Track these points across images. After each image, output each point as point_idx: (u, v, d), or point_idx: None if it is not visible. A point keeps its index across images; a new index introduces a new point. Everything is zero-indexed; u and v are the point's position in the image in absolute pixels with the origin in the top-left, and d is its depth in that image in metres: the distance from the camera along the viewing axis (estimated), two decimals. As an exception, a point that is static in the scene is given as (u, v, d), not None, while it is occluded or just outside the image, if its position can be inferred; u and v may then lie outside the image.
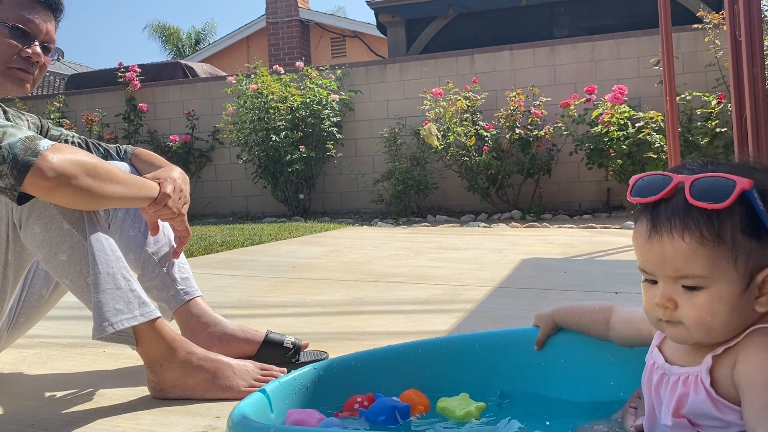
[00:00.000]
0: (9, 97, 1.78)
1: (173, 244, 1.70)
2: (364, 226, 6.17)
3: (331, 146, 7.29)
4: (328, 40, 14.80)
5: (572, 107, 6.48)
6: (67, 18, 1.59)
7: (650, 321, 0.93)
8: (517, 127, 6.59)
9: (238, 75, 7.67)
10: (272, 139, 7.12)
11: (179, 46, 21.03)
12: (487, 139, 6.66)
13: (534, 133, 6.57)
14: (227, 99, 7.71)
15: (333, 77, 7.47)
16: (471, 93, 6.86)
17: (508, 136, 6.62)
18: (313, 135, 7.27)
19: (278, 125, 7.16)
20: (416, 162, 6.99)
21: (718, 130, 5.91)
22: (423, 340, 1.33)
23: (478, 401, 1.16)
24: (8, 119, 1.57)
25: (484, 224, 5.97)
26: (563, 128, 6.56)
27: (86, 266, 1.39)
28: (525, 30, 9.20)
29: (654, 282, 0.90)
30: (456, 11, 9.52)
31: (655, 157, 5.85)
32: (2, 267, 1.49)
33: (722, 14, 5.44)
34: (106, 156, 1.72)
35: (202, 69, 9.38)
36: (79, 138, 1.74)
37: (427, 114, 6.82)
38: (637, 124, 6.08)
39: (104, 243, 1.42)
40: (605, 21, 9.04)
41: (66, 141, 1.69)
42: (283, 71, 7.74)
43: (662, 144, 5.79)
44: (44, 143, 1.31)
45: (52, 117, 8.20)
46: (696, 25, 6.53)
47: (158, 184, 1.52)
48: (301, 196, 7.46)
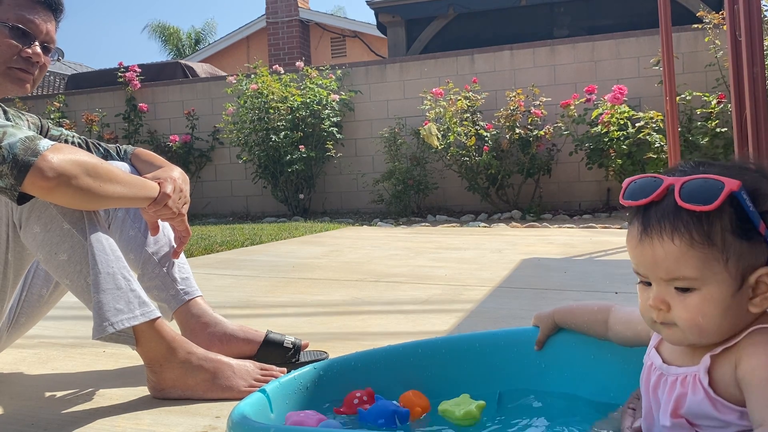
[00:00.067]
0: (9, 97, 1.78)
1: (173, 244, 1.70)
2: (364, 226, 6.17)
3: (331, 146, 7.29)
4: (328, 40, 14.81)
5: (572, 107, 6.48)
6: (67, 18, 1.60)
7: (646, 322, 0.93)
8: (517, 127, 6.59)
9: (238, 75, 7.67)
10: (272, 139, 7.12)
11: (179, 46, 21.04)
12: (487, 139, 6.66)
13: (534, 133, 6.57)
14: (227, 99, 7.71)
15: (333, 77, 7.47)
16: (471, 93, 6.86)
17: (508, 136, 6.62)
18: (313, 135, 7.27)
19: (278, 125, 7.16)
20: (416, 162, 6.99)
21: (718, 130, 5.91)
22: (423, 340, 1.33)
23: (479, 400, 1.16)
24: (8, 119, 1.57)
25: (484, 224, 5.97)
26: (563, 128, 6.56)
27: (86, 266, 1.39)
28: (525, 30, 9.20)
29: (648, 284, 0.90)
30: (456, 11, 9.52)
31: (655, 157, 5.85)
32: (2, 267, 1.49)
33: (722, 14, 5.44)
34: (106, 156, 1.72)
35: (202, 69, 9.39)
36: (79, 138, 1.74)
37: (427, 114, 6.82)
38: (637, 124, 6.08)
39: (104, 243, 1.42)
40: (605, 21, 9.04)
41: (66, 141, 1.69)
42: (283, 71, 7.74)
43: (662, 144, 5.79)
44: (44, 143, 1.31)
45: (52, 117, 8.20)
46: (696, 25, 6.53)
47: (158, 184, 1.52)
48: (301, 196, 7.46)
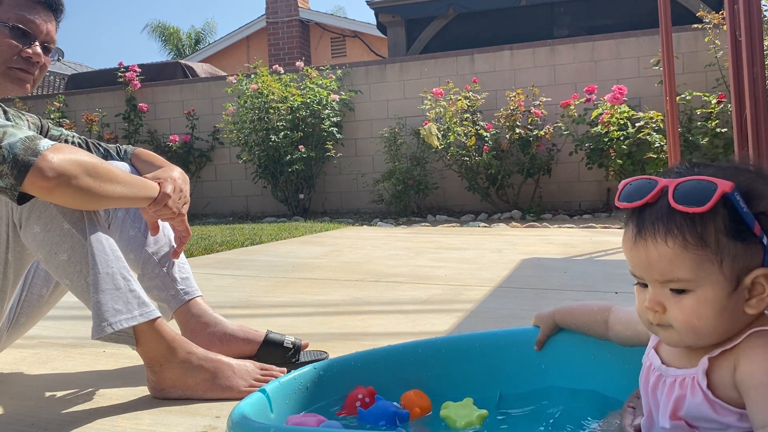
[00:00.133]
0: (9, 97, 1.78)
1: (173, 244, 1.70)
2: (364, 226, 6.17)
3: (331, 146, 7.29)
4: (328, 40, 14.80)
5: (572, 107, 6.48)
6: (68, 18, 1.60)
7: (643, 324, 0.93)
8: (517, 127, 6.59)
9: (238, 75, 7.67)
10: (272, 139, 7.12)
11: (179, 46, 21.04)
12: (487, 139, 6.66)
13: (534, 133, 6.57)
14: (227, 99, 7.71)
15: (333, 77, 7.47)
16: (471, 93, 6.86)
17: (508, 136, 6.62)
18: (313, 135, 7.27)
19: (278, 125, 7.16)
20: (416, 162, 6.99)
21: (718, 130, 5.91)
22: (423, 340, 1.33)
23: (481, 408, 1.14)
24: (8, 119, 1.57)
25: (484, 224, 5.97)
26: (563, 128, 6.56)
27: (86, 266, 1.39)
28: (525, 30, 9.20)
29: (645, 285, 0.90)
30: (456, 11, 9.52)
31: (655, 157, 5.85)
32: (2, 267, 1.49)
33: (722, 14, 5.44)
34: (106, 156, 1.72)
35: (202, 69, 9.38)
36: (79, 138, 1.74)
37: (428, 114, 6.82)
38: (637, 124, 6.08)
39: (104, 243, 1.42)
40: (605, 21, 9.04)
41: (66, 141, 1.69)
42: (283, 71, 7.74)
43: (662, 144, 5.79)
44: (44, 143, 1.31)
45: (52, 117, 8.20)
46: (696, 25, 6.53)
47: (158, 184, 1.52)
48: (301, 196, 7.46)
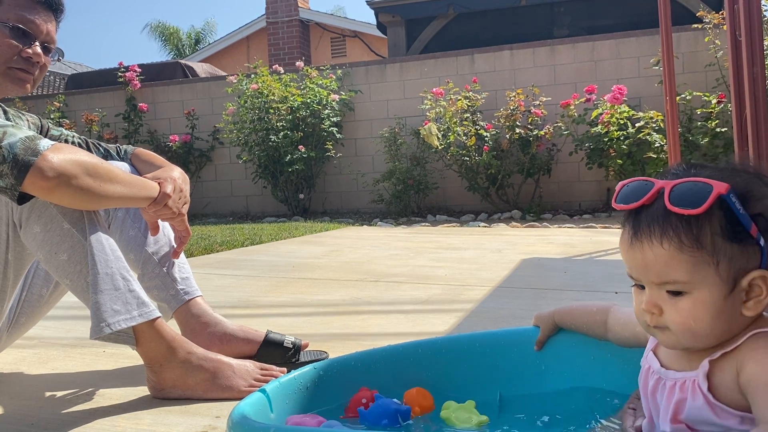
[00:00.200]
0: (9, 97, 1.78)
1: (173, 243, 1.70)
2: (364, 226, 6.17)
3: (331, 146, 7.29)
4: (328, 40, 14.80)
5: (572, 107, 6.48)
6: (68, 18, 1.60)
7: (641, 326, 0.93)
8: (517, 126, 6.59)
9: (239, 75, 7.67)
10: (272, 139, 7.12)
11: (179, 46, 21.04)
12: (487, 139, 6.66)
13: (534, 133, 6.57)
14: (227, 99, 7.71)
15: (333, 77, 7.47)
16: (471, 93, 6.86)
17: (508, 136, 6.62)
18: (313, 135, 7.27)
19: (278, 125, 7.16)
20: (416, 162, 6.99)
21: (718, 129, 5.91)
22: (423, 340, 1.33)
23: (483, 413, 1.13)
24: (8, 119, 1.57)
25: (484, 224, 5.97)
26: (563, 128, 6.56)
27: (86, 266, 1.39)
28: (525, 30, 9.20)
29: (642, 287, 0.90)
30: (456, 11, 9.52)
31: (655, 157, 5.85)
32: (2, 267, 1.49)
33: (722, 14, 5.44)
34: (106, 156, 1.72)
35: (202, 69, 9.38)
36: (79, 138, 1.74)
37: (428, 114, 6.82)
38: (637, 124, 6.08)
39: (104, 243, 1.42)
40: (605, 21, 9.04)
41: (66, 141, 1.69)
42: (283, 71, 7.74)
43: (662, 144, 5.79)
44: (44, 143, 1.31)
45: (52, 117, 8.20)
46: (696, 25, 6.53)
47: (158, 184, 1.52)
48: (301, 196, 7.46)
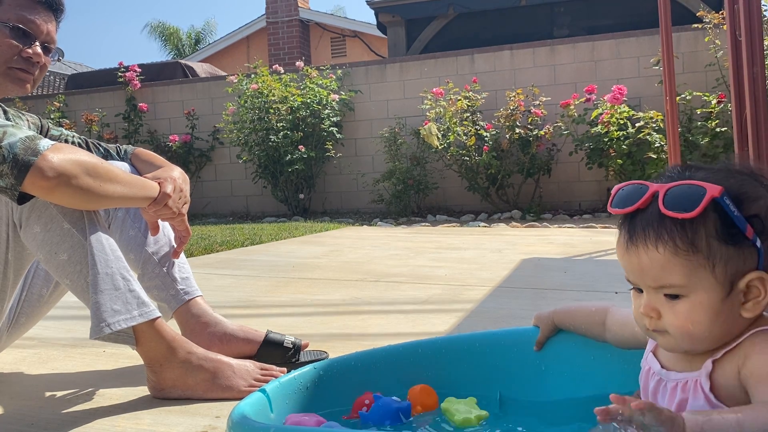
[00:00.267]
0: (9, 97, 1.78)
1: (173, 243, 1.70)
2: (364, 226, 6.17)
3: (331, 146, 7.29)
4: (328, 40, 14.80)
5: (572, 107, 6.48)
6: (68, 18, 1.60)
7: (641, 329, 0.93)
8: (517, 126, 6.59)
9: (239, 75, 7.67)
10: (272, 139, 7.12)
11: (179, 46, 21.04)
12: (487, 139, 6.66)
13: (534, 133, 6.57)
14: (227, 99, 7.71)
15: (333, 77, 7.47)
16: (471, 93, 6.86)
17: (508, 136, 6.62)
18: (313, 135, 7.27)
19: (278, 125, 7.15)
20: (416, 162, 6.99)
21: (718, 129, 5.91)
22: (423, 339, 1.33)
23: (483, 408, 1.14)
24: (8, 119, 1.57)
25: (484, 224, 5.97)
26: (563, 128, 6.56)
27: (86, 266, 1.39)
28: (525, 30, 9.20)
29: (641, 291, 0.90)
30: (456, 11, 9.52)
31: (655, 157, 5.85)
32: (2, 266, 1.49)
33: (722, 14, 5.44)
34: (106, 156, 1.72)
35: (202, 69, 9.38)
36: (79, 138, 1.74)
37: (428, 114, 6.82)
38: (637, 124, 6.08)
39: (104, 243, 1.42)
40: (605, 21, 9.04)
41: (66, 141, 1.69)
42: (283, 71, 7.74)
43: (662, 144, 5.79)
44: (44, 143, 1.31)
45: (52, 117, 8.20)
46: (696, 25, 6.53)
47: (158, 183, 1.52)
48: (301, 196, 7.46)
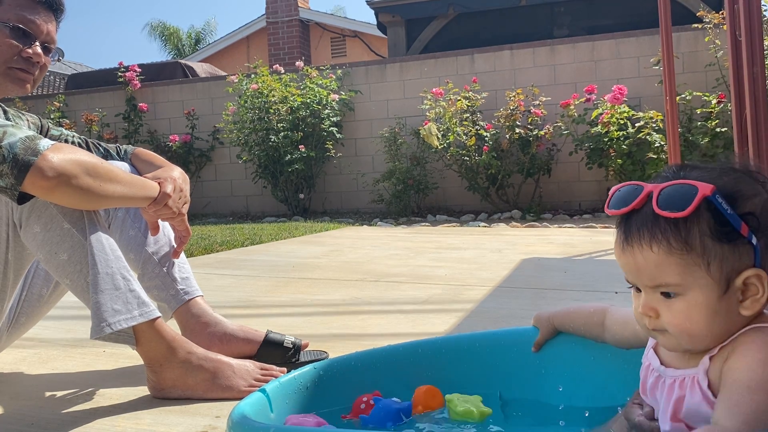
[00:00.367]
0: (9, 97, 1.78)
1: (173, 243, 1.70)
2: (364, 225, 6.17)
3: (331, 146, 7.29)
4: (328, 40, 14.80)
5: (572, 107, 6.48)
6: (68, 18, 1.60)
7: (642, 329, 0.93)
8: (517, 126, 6.59)
9: (239, 75, 7.67)
10: (272, 139, 7.12)
11: (179, 45, 21.04)
12: (487, 139, 6.66)
13: (534, 133, 6.57)
14: (227, 99, 7.71)
15: (333, 77, 7.47)
16: (471, 93, 6.86)
17: (508, 136, 6.61)
18: (313, 135, 7.27)
19: (278, 126, 7.15)
20: (416, 162, 6.99)
21: (718, 129, 5.91)
22: (423, 339, 1.33)
23: (488, 407, 1.14)
24: (8, 119, 1.57)
25: (484, 224, 5.97)
26: (563, 128, 6.56)
27: (86, 266, 1.39)
28: (525, 30, 9.20)
29: (639, 291, 0.91)
30: (456, 11, 9.52)
31: (655, 157, 5.85)
32: (2, 266, 1.49)
33: (722, 14, 5.44)
34: (106, 156, 1.72)
35: (202, 69, 9.38)
36: (79, 138, 1.74)
37: (427, 114, 6.82)
38: (637, 124, 6.08)
39: (104, 243, 1.42)
40: (605, 21, 9.04)
41: (66, 141, 1.69)
42: (284, 71, 7.74)
43: (662, 144, 5.79)
44: (44, 143, 1.31)
45: (52, 117, 8.20)
46: (696, 25, 6.53)
47: (158, 183, 1.52)
48: (301, 195, 7.45)
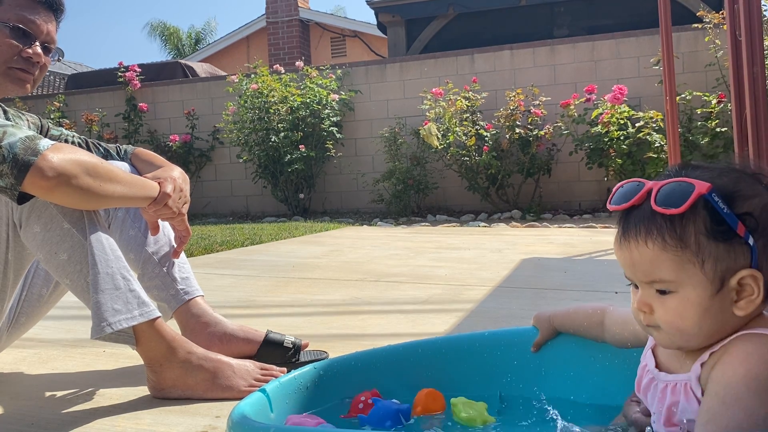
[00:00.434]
0: (9, 97, 1.78)
1: (173, 243, 1.70)
2: (364, 225, 6.17)
3: (331, 146, 7.29)
4: (328, 40, 14.80)
5: (572, 107, 6.48)
6: (68, 18, 1.60)
7: (638, 324, 0.94)
8: (517, 126, 6.59)
9: (239, 75, 7.67)
10: (272, 139, 7.12)
11: (179, 45, 21.05)
12: (487, 138, 6.66)
13: (534, 133, 6.57)
14: (227, 99, 7.71)
15: (333, 77, 7.46)
16: (471, 93, 6.86)
17: (508, 135, 6.61)
18: (313, 135, 7.27)
19: (278, 126, 7.15)
20: (416, 162, 6.99)
21: (718, 129, 5.91)
22: (423, 339, 1.33)
23: (489, 406, 1.14)
24: (8, 119, 1.57)
25: (484, 224, 5.97)
26: (563, 128, 6.56)
27: (86, 266, 1.39)
28: (525, 30, 9.20)
29: (637, 287, 0.91)
30: (456, 11, 9.52)
31: (655, 156, 5.85)
32: (2, 266, 1.49)
33: (722, 14, 5.44)
34: (106, 156, 1.72)
35: (202, 69, 9.38)
36: (79, 138, 1.74)
37: (427, 114, 6.82)
38: (637, 124, 6.08)
39: (104, 243, 1.42)
40: (605, 21, 9.03)
41: (66, 141, 1.69)
42: (284, 71, 7.74)
43: (662, 144, 5.79)
44: (44, 143, 1.31)
45: (52, 117, 8.20)
46: (696, 25, 6.52)
47: (158, 183, 1.52)
48: (301, 195, 7.45)
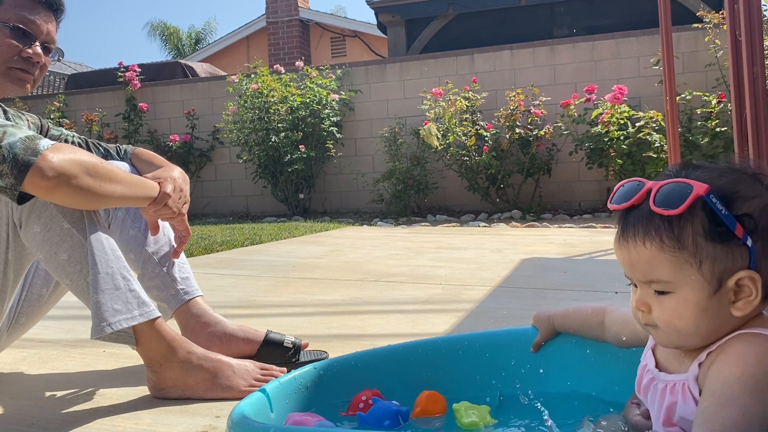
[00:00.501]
0: (9, 97, 1.78)
1: (173, 243, 1.70)
2: (364, 225, 6.17)
3: (331, 146, 7.29)
4: (328, 40, 14.81)
5: (572, 107, 6.47)
6: (68, 18, 1.60)
7: (638, 324, 0.94)
8: (517, 126, 6.59)
9: (239, 75, 7.67)
10: (272, 139, 7.12)
11: (179, 45, 21.05)
12: (487, 138, 6.66)
13: (534, 133, 6.57)
14: (227, 99, 7.71)
15: (333, 77, 7.46)
16: (471, 93, 6.86)
17: (508, 135, 6.61)
18: (313, 135, 7.27)
19: (278, 126, 7.15)
20: (416, 162, 6.99)
21: (718, 129, 5.91)
22: (423, 339, 1.33)
23: (488, 407, 1.14)
24: (8, 119, 1.57)
25: (484, 224, 5.97)
26: (563, 128, 6.55)
27: (86, 266, 1.39)
28: (525, 30, 9.20)
29: (636, 286, 0.92)
30: (456, 11, 9.52)
31: (655, 156, 5.85)
32: (2, 266, 1.49)
33: (722, 14, 5.44)
34: (106, 156, 1.72)
35: (202, 69, 9.38)
36: (79, 138, 1.74)
37: (427, 114, 6.82)
38: (637, 124, 6.08)
39: (104, 243, 1.42)
40: (605, 21, 9.04)
41: (66, 141, 1.69)
42: (284, 71, 7.74)
43: (662, 144, 5.79)
44: (44, 143, 1.31)
45: (52, 117, 8.20)
46: (696, 25, 6.52)
47: (158, 183, 1.52)
48: (301, 195, 7.45)
